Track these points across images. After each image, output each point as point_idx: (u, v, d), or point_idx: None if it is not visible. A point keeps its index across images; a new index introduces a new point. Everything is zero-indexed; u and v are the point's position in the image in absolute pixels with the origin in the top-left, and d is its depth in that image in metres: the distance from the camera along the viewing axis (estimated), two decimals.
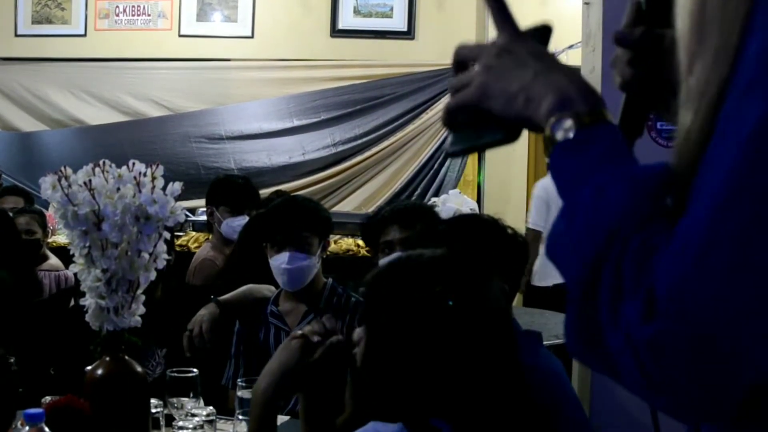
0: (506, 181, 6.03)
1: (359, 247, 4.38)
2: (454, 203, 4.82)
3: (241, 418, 1.82)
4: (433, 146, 5.92)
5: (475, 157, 5.91)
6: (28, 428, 1.51)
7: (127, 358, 1.77)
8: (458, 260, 1.30)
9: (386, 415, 1.26)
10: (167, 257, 1.82)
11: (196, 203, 4.76)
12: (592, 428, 1.89)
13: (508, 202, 5.89)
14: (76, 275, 1.79)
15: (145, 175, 1.73)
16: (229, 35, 6.09)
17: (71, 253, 1.77)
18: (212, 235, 3.64)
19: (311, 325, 1.63)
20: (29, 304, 3.29)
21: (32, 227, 3.92)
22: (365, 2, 6.08)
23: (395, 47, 6.08)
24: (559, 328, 3.16)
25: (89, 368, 1.76)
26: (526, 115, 0.78)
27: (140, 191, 1.73)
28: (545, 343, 2.00)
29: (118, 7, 6.12)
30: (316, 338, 1.58)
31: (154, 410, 1.89)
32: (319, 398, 1.60)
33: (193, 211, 4.85)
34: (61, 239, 4.37)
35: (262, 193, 3.90)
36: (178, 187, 1.76)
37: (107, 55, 6.06)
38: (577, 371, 2.90)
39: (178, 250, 3.91)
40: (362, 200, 5.93)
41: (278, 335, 2.41)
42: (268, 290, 2.56)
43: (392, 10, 6.08)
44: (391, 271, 1.33)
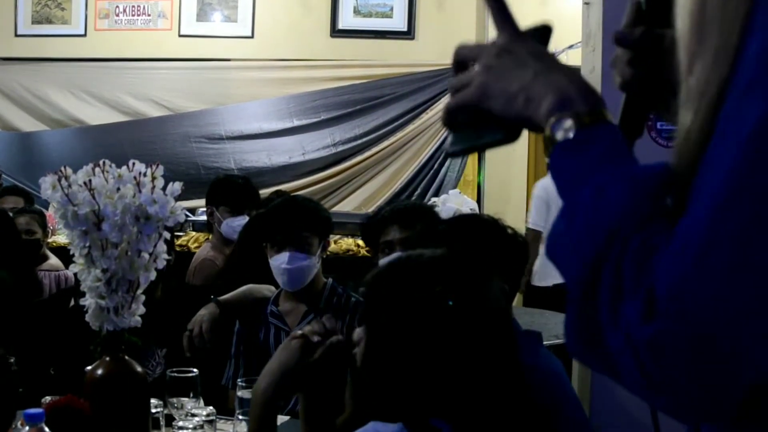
0: (506, 181, 6.03)
1: (359, 247, 4.38)
2: (454, 203, 4.82)
3: (241, 418, 1.82)
4: (433, 146, 5.91)
5: (475, 157, 5.91)
6: (28, 428, 1.51)
7: (127, 358, 1.77)
8: (458, 260, 1.30)
9: (386, 415, 1.26)
10: (167, 257, 1.82)
11: (196, 203, 4.75)
12: (592, 428, 1.89)
13: (508, 202, 5.89)
14: (76, 275, 1.79)
15: (145, 175, 1.73)
16: (229, 35, 6.09)
17: (71, 253, 1.77)
18: (212, 235, 3.63)
19: (311, 325, 1.63)
20: (29, 304, 3.29)
21: (32, 227, 3.92)
22: (365, 2, 6.08)
23: (395, 47, 6.08)
24: (559, 328, 3.16)
25: (89, 368, 1.76)
26: (526, 115, 0.78)
27: (140, 191, 1.72)
28: (545, 343, 2.00)
29: (118, 7, 6.11)
30: (316, 338, 1.58)
31: (154, 410, 1.89)
32: (319, 398, 1.60)
33: (193, 211, 4.84)
34: (61, 239, 4.37)
35: (262, 193, 3.90)
36: (178, 187, 1.76)
37: (107, 55, 6.06)
38: (577, 371, 2.90)
39: (178, 250, 3.91)
40: (362, 200, 5.93)
41: (278, 335, 2.41)
42: (268, 290, 2.55)
43: (392, 10, 6.07)
44: (391, 271, 1.33)
